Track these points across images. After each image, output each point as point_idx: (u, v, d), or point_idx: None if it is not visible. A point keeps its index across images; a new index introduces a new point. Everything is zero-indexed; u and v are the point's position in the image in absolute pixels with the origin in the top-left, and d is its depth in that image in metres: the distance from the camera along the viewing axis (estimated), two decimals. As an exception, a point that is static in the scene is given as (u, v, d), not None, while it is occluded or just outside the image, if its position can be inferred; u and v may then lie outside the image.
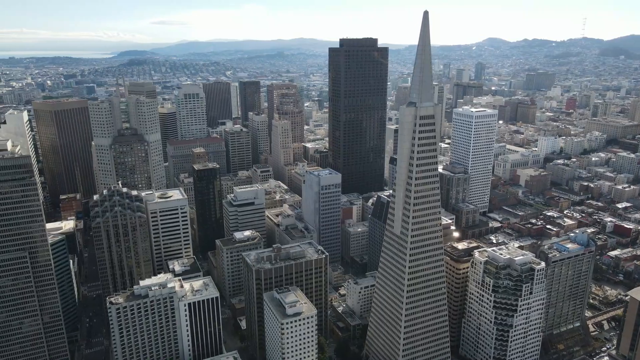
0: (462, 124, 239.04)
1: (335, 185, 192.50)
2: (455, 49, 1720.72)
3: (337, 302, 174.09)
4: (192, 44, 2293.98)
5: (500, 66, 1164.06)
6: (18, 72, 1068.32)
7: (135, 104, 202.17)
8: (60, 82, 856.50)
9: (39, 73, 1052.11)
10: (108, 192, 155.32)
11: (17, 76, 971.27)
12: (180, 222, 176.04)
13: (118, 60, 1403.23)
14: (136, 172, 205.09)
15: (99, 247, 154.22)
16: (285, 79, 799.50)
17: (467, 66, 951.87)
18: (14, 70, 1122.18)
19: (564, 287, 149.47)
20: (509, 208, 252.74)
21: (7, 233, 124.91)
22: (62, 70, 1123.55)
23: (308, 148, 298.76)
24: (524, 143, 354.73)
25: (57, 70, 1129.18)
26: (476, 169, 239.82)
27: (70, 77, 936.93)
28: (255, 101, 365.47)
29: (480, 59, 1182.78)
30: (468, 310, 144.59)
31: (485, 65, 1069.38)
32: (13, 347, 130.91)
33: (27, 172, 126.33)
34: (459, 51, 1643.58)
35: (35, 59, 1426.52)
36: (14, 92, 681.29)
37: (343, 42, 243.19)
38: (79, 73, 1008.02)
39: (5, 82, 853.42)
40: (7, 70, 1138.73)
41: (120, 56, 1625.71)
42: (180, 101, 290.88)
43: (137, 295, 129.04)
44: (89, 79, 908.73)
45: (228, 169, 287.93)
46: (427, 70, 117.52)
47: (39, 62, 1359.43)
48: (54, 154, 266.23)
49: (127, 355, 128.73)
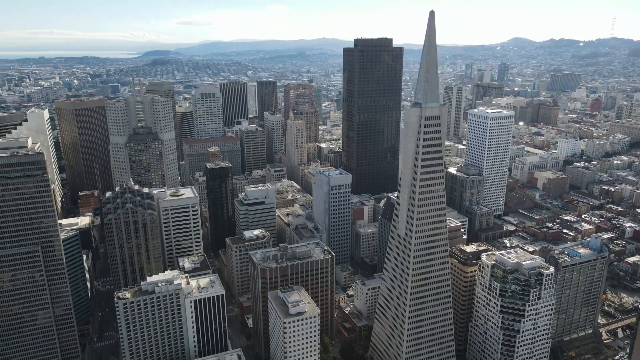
0: (477, 125, 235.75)
1: (346, 186, 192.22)
2: (479, 49, 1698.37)
3: (344, 302, 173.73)
4: (216, 44, 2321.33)
5: (524, 67, 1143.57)
6: (47, 72, 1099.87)
7: (151, 103, 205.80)
8: (87, 82, 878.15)
9: (66, 72, 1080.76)
10: (120, 190, 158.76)
11: (45, 75, 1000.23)
12: (191, 219, 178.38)
13: (143, 60, 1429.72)
14: (151, 170, 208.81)
15: (110, 243, 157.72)
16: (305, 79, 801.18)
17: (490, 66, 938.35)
18: (43, 70, 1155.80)
19: (575, 293, 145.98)
20: (524, 211, 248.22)
21: (20, 227, 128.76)
22: (89, 69, 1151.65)
23: (322, 148, 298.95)
24: (543, 145, 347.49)
25: (84, 69, 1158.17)
26: (491, 171, 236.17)
27: (96, 76, 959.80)
28: (272, 101, 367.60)
29: (504, 59, 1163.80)
30: (475, 315, 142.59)
31: (509, 66, 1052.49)
32: (25, 338, 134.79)
33: (41, 168, 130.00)
34: (482, 51, 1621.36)
35: (63, 59, 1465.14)
36: (42, 91, 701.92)
37: (357, 42, 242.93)
38: (104, 73, 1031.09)
39: (34, 81, 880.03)
40: (36, 69, 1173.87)
41: (145, 56, 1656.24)
42: (197, 100, 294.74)
43: (144, 291, 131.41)
44: (114, 78, 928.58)
45: (243, 168, 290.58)
46: (433, 70, 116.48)
47: (68, 62, 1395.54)
48: (74, 151, 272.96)
49: (133, 349, 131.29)
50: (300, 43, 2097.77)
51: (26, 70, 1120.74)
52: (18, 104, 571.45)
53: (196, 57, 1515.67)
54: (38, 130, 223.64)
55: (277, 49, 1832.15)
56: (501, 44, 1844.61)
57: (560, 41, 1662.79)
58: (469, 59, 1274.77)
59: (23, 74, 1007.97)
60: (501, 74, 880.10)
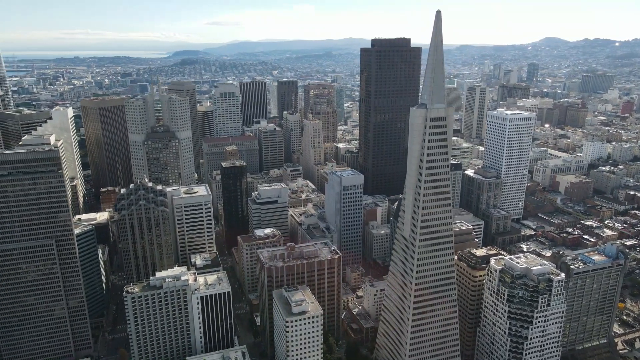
0: (496, 127, 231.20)
1: (358, 186, 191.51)
2: (510, 49, 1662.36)
3: (353, 303, 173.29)
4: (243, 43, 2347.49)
5: (556, 67, 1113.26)
6: (81, 71, 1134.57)
7: (168, 102, 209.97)
8: (117, 81, 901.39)
9: (99, 72, 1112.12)
10: (134, 186, 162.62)
11: (79, 75, 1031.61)
12: (204, 217, 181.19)
13: (172, 60, 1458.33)
14: (167, 168, 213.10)
15: (124, 238, 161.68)
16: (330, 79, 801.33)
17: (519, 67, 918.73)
18: (77, 69, 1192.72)
19: (589, 301, 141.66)
20: (544, 216, 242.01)
21: (35, 221, 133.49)
22: (120, 69, 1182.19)
23: (339, 148, 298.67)
24: (568, 148, 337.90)
25: (115, 69, 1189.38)
26: (510, 173, 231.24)
27: (127, 75, 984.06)
28: (292, 101, 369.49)
29: (535, 60, 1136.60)
30: (483, 320, 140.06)
31: (540, 66, 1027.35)
32: (39, 329, 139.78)
33: (56, 165, 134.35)
34: (513, 51, 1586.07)
35: (97, 59, 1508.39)
36: (74, 90, 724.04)
37: (374, 42, 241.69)
38: (134, 72, 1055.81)
39: (68, 80, 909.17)
40: (71, 69, 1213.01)
41: (174, 56, 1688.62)
42: (217, 100, 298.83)
43: (152, 286, 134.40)
44: (143, 77, 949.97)
45: (260, 167, 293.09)
46: (439, 71, 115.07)
47: (100, 62, 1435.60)
48: (98, 148, 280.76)
49: (141, 342, 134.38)
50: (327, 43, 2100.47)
51: (61, 70, 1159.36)
52: (51, 102, 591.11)
53: (224, 57, 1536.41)
54: (62, 127, 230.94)
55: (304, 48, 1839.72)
56: (533, 43, 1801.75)
57: (595, 41, 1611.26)
58: (498, 59, 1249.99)
59: (58, 73, 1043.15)
60: (530, 74, 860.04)
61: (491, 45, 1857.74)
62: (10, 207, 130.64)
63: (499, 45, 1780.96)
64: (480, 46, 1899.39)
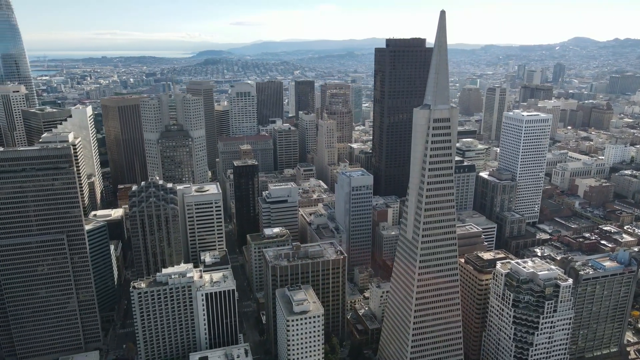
0: (512, 129, 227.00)
1: (367, 187, 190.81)
2: (536, 49, 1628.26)
3: (360, 304, 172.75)
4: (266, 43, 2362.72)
5: (584, 68, 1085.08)
6: (107, 70, 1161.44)
7: (182, 102, 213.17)
8: (141, 80, 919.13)
9: (124, 71, 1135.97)
10: (145, 184, 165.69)
11: (106, 74, 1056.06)
12: (214, 215, 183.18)
13: (196, 60, 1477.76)
14: (180, 166, 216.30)
15: (134, 234, 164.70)
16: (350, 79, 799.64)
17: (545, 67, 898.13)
18: (104, 69, 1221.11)
19: (599, 308, 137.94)
20: (561, 220, 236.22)
21: (48, 216, 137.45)
22: (146, 69, 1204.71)
23: (354, 149, 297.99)
24: (590, 151, 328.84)
25: (141, 68, 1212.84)
26: (525, 176, 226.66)
27: (151, 75, 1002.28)
28: (309, 100, 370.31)
29: (562, 60, 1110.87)
30: (488, 324, 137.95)
31: (567, 67, 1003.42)
32: (50, 321, 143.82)
33: (68, 162, 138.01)
34: (540, 51, 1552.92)
35: (123, 58, 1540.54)
36: (100, 89, 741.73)
37: (389, 42, 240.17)
38: (159, 72, 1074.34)
39: (94, 79, 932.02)
40: (98, 68, 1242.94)
41: (198, 56, 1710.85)
42: (233, 99, 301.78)
43: (158, 282, 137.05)
44: (166, 77, 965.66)
45: (275, 167, 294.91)
46: (443, 71, 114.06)
47: (127, 61, 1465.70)
48: (117, 146, 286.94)
49: (147, 337, 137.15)
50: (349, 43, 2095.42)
51: (89, 69, 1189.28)
52: (77, 101, 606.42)
53: (246, 57, 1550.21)
54: (81, 125, 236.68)
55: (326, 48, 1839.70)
56: (561, 43, 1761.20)
57: (626, 41, 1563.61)
58: (524, 59, 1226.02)
59: (86, 73, 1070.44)
60: (556, 75, 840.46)
61: (517, 45, 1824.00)
62: (24, 202, 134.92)
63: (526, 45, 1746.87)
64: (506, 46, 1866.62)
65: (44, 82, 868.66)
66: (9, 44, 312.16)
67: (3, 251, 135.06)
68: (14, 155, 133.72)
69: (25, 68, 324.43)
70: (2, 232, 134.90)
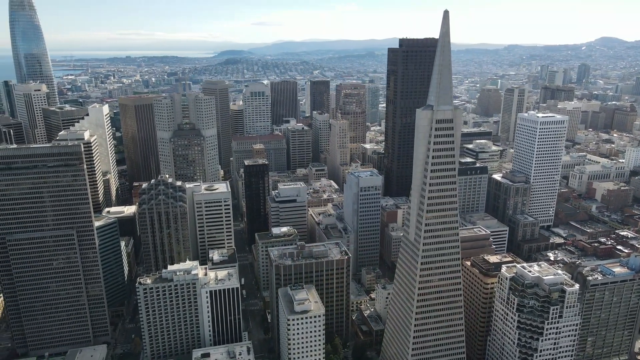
0: (526, 130, 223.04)
1: (375, 188, 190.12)
2: (562, 49, 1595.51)
3: (365, 305, 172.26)
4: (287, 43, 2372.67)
5: (610, 68, 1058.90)
6: (130, 70, 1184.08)
7: (194, 101, 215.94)
8: (163, 80, 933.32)
9: (147, 71, 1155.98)
10: (155, 182, 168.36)
11: (129, 73, 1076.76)
12: (222, 213, 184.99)
13: (217, 60, 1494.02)
14: (192, 165, 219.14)
15: (143, 231, 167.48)
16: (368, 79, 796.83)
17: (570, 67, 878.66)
18: (128, 68, 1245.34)
19: (608, 314, 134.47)
20: (577, 224, 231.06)
21: (58, 212, 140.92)
22: (168, 68, 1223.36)
23: (367, 149, 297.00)
24: (611, 154, 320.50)
25: (163, 68, 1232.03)
26: (539, 178, 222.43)
27: (172, 74, 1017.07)
28: (324, 100, 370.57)
29: (588, 60, 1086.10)
30: (493, 328, 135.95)
31: (593, 67, 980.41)
32: (60, 314, 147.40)
33: (77, 159, 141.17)
34: (565, 52, 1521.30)
35: (147, 58, 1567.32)
36: (122, 88, 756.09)
37: (402, 42, 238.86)
38: (180, 71, 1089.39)
39: (117, 79, 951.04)
40: (122, 68, 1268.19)
41: (219, 55, 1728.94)
42: (247, 99, 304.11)
43: (163, 278, 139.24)
44: (187, 76, 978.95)
45: (288, 166, 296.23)
46: (446, 72, 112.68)
47: (150, 61, 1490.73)
48: (133, 144, 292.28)
49: (152, 332, 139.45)
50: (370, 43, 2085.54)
51: (113, 69, 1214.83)
52: (100, 99, 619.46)
53: (267, 57, 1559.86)
54: (97, 124, 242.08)
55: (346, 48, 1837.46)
56: (587, 43, 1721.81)
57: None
58: (548, 60, 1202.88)
59: (110, 72, 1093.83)
60: (581, 75, 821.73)
61: (542, 45, 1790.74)
62: (35, 198, 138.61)
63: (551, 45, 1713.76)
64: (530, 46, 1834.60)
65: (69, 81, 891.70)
66: (32, 44, 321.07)
67: (16, 245, 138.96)
68: (26, 152, 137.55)
69: (47, 67, 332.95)
70: (14, 227, 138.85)
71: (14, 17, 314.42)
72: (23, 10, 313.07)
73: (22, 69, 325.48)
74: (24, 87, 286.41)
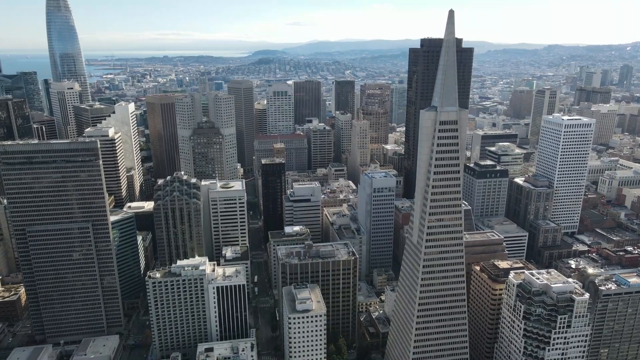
0: (550, 133, 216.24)
1: (389, 189, 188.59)
2: (605, 49, 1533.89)
3: (375, 307, 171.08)
4: (321, 43, 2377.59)
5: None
6: (166, 69, 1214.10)
7: (214, 100, 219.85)
8: (196, 79, 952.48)
9: (182, 70, 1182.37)
10: (170, 178, 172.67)
11: (164, 73, 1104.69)
12: (237, 211, 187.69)
13: (250, 59, 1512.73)
14: (211, 162, 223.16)
15: (158, 226, 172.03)
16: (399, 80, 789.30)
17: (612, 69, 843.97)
18: (164, 68, 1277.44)
19: (622, 326, 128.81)
20: (603, 231, 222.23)
21: (75, 205, 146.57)
22: (203, 68, 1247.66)
23: (387, 150, 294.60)
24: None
25: (198, 68, 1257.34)
26: (563, 183, 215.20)
27: (206, 74, 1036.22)
28: (348, 100, 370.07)
29: (633, 61, 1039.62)
30: (500, 336, 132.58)
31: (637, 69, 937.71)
32: (76, 304, 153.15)
33: (94, 155, 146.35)
34: (608, 52, 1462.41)
35: (183, 58, 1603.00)
36: (157, 87, 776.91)
37: (423, 42, 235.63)
38: (213, 71, 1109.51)
39: (153, 78, 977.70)
40: (159, 67, 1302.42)
41: (253, 55, 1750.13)
42: (270, 98, 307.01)
43: (172, 273, 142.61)
44: (220, 76, 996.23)
45: (309, 166, 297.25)
46: (451, 72, 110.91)
47: (186, 61, 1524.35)
48: (159, 142, 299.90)
49: (161, 325, 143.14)
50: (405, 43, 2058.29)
51: (150, 68, 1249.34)
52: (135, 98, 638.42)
53: (300, 57, 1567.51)
54: (123, 121, 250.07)
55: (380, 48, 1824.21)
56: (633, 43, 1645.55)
57: None
58: (590, 60, 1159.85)
59: (147, 71, 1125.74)
60: (622, 77, 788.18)
61: (584, 45, 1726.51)
62: (54, 191, 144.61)
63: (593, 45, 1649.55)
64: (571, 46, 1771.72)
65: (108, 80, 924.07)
66: (67, 44, 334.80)
67: (35, 237, 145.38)
68: (46, 147, 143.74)
69: (81, 66, 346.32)
70: (34, 219, 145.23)
71: (50, 18, 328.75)
72: (59, 12, 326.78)
73: (57, 68, 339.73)
74: (57, 86, 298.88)
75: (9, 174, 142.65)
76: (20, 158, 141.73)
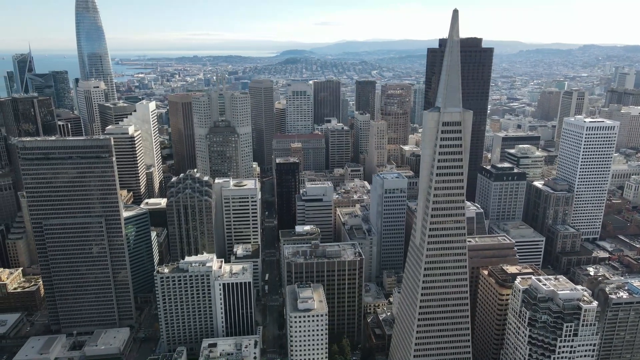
0: (571, 136, 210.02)
1: (401, 190, 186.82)
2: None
3: (382, 308, 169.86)
4: (349, 43, 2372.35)
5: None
6: (195, 69, 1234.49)
7: (230, 99, 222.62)
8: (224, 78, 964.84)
9: (210, 70, 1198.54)
10: (183, 176, 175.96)
11: (193, 72, 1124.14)
12: (249, 209, 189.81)
13: (278, 59, 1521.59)
14: (226, 161, 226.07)
15: (170, 223, 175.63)
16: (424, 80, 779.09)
17: None
18: (193, 67, 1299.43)
19: (633, 336, 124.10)
20: (626, 238, 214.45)
21: (89, 201, 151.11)
22: (231, 67, 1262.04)
23: (405, 150, 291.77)
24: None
25: (226, 67, 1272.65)
26: (584, 187, 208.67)
27: (233, 73, 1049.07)
28: (369, 100, 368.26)
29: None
30: (506, 342, 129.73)
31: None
32: (89, 296, 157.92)
33: (107, 152, 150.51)
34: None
35: (212, 57, 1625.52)
36: (185, 86, 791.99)
37: (442, 43, 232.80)
38: (241, 70, 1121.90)
39: (182, 77, 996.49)
40: (188, 67, 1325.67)
41: (281, 55, 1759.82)
42: (289, 98, 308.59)
43: (180, 268, 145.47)
44: (247, 75, 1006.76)
45: (326, 166, 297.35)
46: (454, 73, 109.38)
47: (215, 60, 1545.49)
48: (180, 140, 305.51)
49: (168, 319, 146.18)
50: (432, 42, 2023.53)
51: (180, 68, 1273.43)
52: (163, 97, 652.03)
53: (327, 56, 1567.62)
54: (144, 119, 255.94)
55: (409, 48, 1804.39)
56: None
57: None
58: (627, 61, 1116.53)
59: (176, 71, 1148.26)
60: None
61: (621, 45, 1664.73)
62: (69, 186, 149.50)
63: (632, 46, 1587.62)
64: (608, 46, 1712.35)
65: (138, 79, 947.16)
66: (95, 44, 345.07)
67: (51, 230, 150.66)
68: (62, 144, 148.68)
69: (107, 66, 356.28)
70: (51, 213, 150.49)
71: (79, 19, 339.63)
72: (87, 12, 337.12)
73: (85, 67, 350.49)
74: (84, 84, 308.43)
75: (27, 169, 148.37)
76: (38, 154, 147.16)
